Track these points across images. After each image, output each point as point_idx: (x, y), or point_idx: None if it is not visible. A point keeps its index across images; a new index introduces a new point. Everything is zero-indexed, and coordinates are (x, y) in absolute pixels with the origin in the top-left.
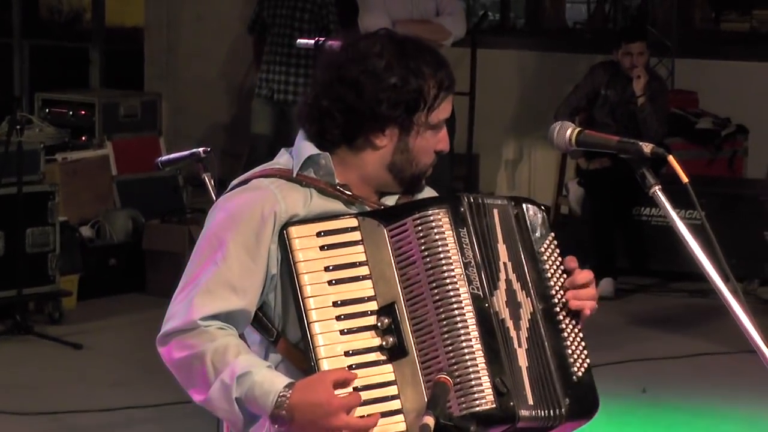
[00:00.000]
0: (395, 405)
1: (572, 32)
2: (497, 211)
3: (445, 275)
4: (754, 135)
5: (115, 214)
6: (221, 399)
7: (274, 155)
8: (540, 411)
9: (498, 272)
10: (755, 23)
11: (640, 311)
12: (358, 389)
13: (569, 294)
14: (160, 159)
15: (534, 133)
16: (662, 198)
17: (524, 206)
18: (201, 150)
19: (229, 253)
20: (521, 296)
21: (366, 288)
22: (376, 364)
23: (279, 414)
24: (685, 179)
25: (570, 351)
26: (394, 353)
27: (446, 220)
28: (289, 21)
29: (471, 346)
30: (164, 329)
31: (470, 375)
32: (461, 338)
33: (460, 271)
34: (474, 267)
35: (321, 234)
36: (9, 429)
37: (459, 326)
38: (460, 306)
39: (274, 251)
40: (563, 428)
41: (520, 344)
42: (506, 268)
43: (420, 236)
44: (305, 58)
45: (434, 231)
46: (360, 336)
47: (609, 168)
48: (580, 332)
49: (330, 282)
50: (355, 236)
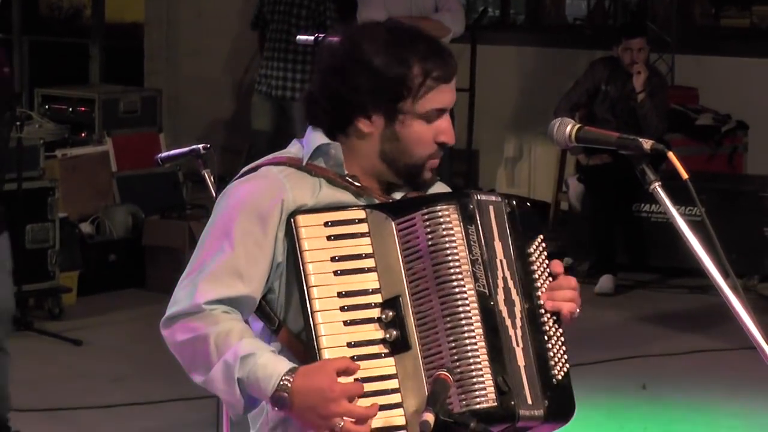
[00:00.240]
0: (395, 398)
1: (572, 28)
2: (492, 208)
3: (452, 271)
4: (754, 131)
5: (115, 210)
6: (222, 379)
7: (274, 151)
8: (536, 411)
9: (497, 270)
10: (755, 19)
11: (640, 307)
12: (359, 381)
13: (544, 295)
14: (160, 155)
15: (534, 129)
16: (662, 194)
17: (516, 204)
18: (201, 146)
19: (236, 240)
20: (514, 294)
21: (371, 280)
22: (378, 357)
23: (280, 396)
24: (685, 175)
25: (551, 354)
26: (397, 347)
27: (455, 217)
28: (287, 17)
29: (474, 344)
30: (168, 312)
31: (472, 372)
32: (465, 335)
33: (467, 268)
34: (480, 265)
35: (328, 224)
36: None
37: (463, 323)
38: (465, 303)
39: (281, 239)
40: (539, 431)
41: (518, 343)
42: (502, 266)
43: (428, 231)
44: (303, 54)
45: (442, 227)
46: (363, 328)
47: (609, 164)
48: (562, 336)
49: (335, 272)
50: (363, 228)
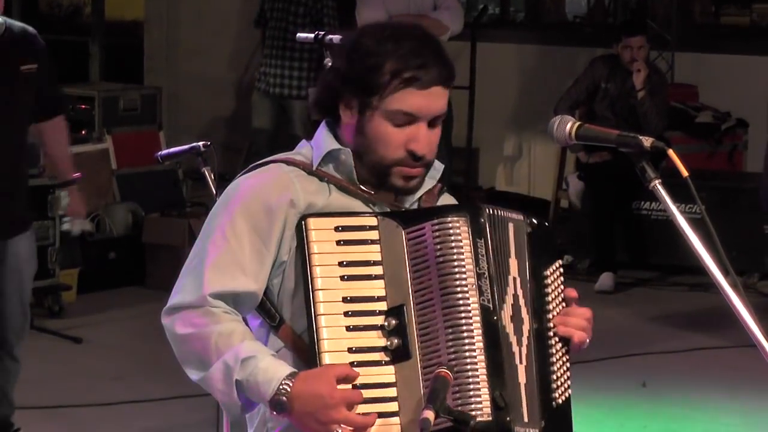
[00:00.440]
0: (393, 407)
1: (572, 26)
2: (512, 226)
3: (457, 284)
4: (754, 129)
5: (115, 208)
6: (221, 380)
7: (275, 149)
8: (531, 429)
9: (507, 286)
10: (755, 17)
11: (640, 305)
12: (358, 387)
13: (557, 319)
14: (160, 153)
15: (534, 127)
16: (662, 192)
17: (538, 226)
18: (201, 144)
19: (242, 234)
20: (524, 313)
21: (377, 287)
22: (378, 364)
23: (279, 401)
24: (685, 173)
25: (555, 377)
26: (398, 355)
27: (465, 229)
28: (285, 14)
29: (474, 357)
30: (171, 302)
31: (470, 385)
32: (465, 348)
33: (473, 281)
34: (487, 279)
35: (339, 229)
36: None
37: (464, 336)
38: (468, 316)
39: (288, 239)
40: None
41: (521, 360)
42: (515, 283)
43: (437, 242)
44: (300, 52)
45: (452, 238)
46: (365, 334)
47: (609, 162)
48: (568, 362)
49: (342, 277)
50: (373, 235)
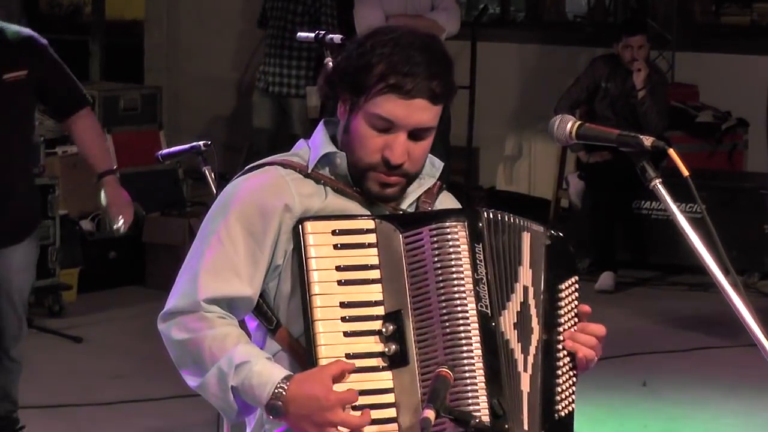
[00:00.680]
0: (391, 413)
1: (572, 25)
2: (529, 235)
3: (455, 290)
4: (755, 128)
5: None
6: (216, 386)
7: (275, 149)
8: None
9: (511, 293)
10: (756, 16)
11: (640, 305)
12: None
13: (567, 333)
14: (161, 152)
15: (534, 127)
16: (663, 191)
17: (558, 241)
18: (201, 143)
19: (237, 237)
20: (535, 322)
21: (375, 291)
22: (376, 370)
23: (275, 405)
24: (686, 172)
25: (559, 389)
26: (395, 361)
27: (463, 234)
28: (284, 13)
29: (472, 364)
30: (167, 306)
31: (468, 393)
32: (463, 355)
33: (471, 287)
34: (485, 284)
35: (336, 232)
36: None
37: (462, 342)
38: (466, 323)
39: (283, 242)
40: None
41: (526, 369)
42: (526, 293)
43: (435, 247)
44: (299, 50)
45: (449, 244)
46: (363, 340)
47: (609, 161)
48: (574, 376)
49: (339, 282)
50: (371, 238)
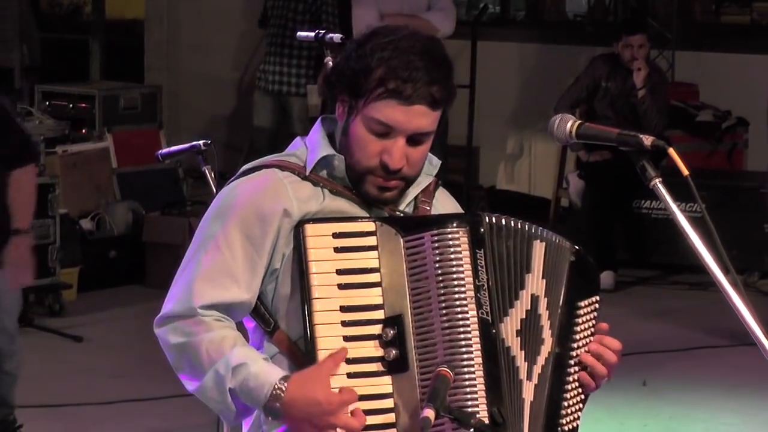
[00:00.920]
0: (390, 418)
1: (573, 24)
2: (543, 245)
3: (456, 297)
4: (755, 127)
5: (115, 207)
6: (214, 389)
7: (276, 148)
8: None
9: (515, 299)
10: (755, 15)
11: (641, 304)
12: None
13: (592, 345)
14: (161, 151)
15: (534, 126)
16: (662, 190)
17: (584, 260)
18: (201, 142)
19: (234, 242)
20: (547, 333)
21: (375, 295)
22: (375, 375)
23: (273, 406)
24: (686, 172)
25: (566, 404)
26: (395, 366)
27: (464, 240)
28: (285, 12)
29: (472, 372)
30: (163, 311)
31: (467, 401)
32: (463, 363)
33: (472, 294)
34: (486, 291)
35: (336, 235)
36: None
37: (463, 350)
38: (467, 330)
39: (281, 246)
40: None
41: (530, 377)
42: (536, 301)
43: (436, 252)
44: (299, 49)
45: (451, 249)
46: (363, 344)
47: (609, 160)
48: (582, 393)
49: (340, 285)
50: (371, 241)
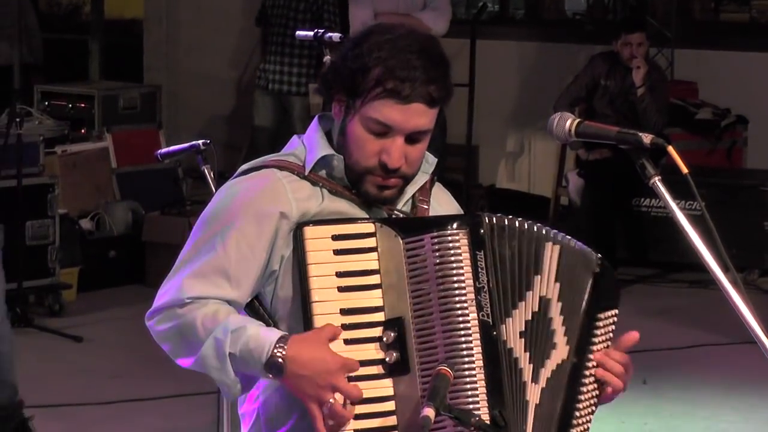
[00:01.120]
0: (391, 421)
1: (572, 23)
2: (558, 248)
3: (456, 299)
4: (754, 125)
5: (115, 207)
6: (213, 356)
7: (276, 147)
8: None
9: (518, 300)
10: (755, 13)
11: (640, 302)
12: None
13: (597, 356)
14: (160, 151)
15: (534, 124)
16: (662, 188)
17: (608, 272)
18: (201, 142)
19: (229, 241)
20: (560, 339)
21: (375, 297)
22: (376, 378)
23: (275, 362)
24: (685, 170)
25: (577, 414)
26: (396, 369)
27: (464, 242)
28: (285, 11)
29: (473, 375)
30: (153, 306)
31: (469, 405)
32: (464, 365)
33: (472, 297)
34: (486, 292)
35: (336, 237)
36: None
37: (464, 353)
38: (468, 333)
39: (279, 248)
40: None
41: (536, 380)
42: (547, 304)
43: (436, 255)
44: (300, 48)
45: (451, 252)
46: (363, 347)
47: (609, 159)
48: (594, 405)
49: (339, 288)
50: (371, 243)
